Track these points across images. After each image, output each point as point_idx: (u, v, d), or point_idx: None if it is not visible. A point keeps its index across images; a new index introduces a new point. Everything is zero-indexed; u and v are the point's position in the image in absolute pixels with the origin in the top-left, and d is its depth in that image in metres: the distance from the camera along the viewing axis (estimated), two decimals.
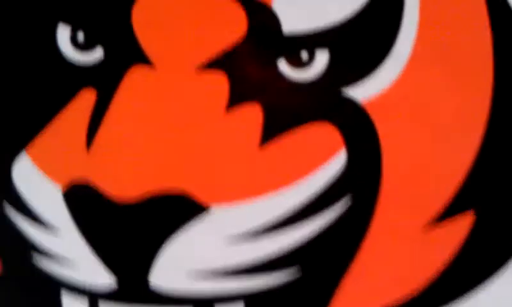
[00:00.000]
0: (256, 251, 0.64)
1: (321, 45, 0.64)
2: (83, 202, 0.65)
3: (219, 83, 0.64)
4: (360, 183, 0.64)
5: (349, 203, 0.64)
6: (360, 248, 0.64)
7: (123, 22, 0.66)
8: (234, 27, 0.65)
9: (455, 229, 0.64)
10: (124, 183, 0.64)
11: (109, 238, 0.65)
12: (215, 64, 0.64)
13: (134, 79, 0.65)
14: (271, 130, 0.64)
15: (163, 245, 0.63)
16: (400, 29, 0.65)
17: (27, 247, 0.67)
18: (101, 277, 0.65)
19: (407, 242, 0.64)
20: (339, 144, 0.64)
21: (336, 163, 0.64)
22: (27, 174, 0.67)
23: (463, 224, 0.65)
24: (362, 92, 0.64)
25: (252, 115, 0.64)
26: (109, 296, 0.65)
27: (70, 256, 0.66)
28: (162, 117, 0.65)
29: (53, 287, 0.67)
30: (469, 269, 0.66)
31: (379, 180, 0.63)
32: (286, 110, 0.64)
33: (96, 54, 0.66)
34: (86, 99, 0.66)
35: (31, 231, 0.67)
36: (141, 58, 0.65)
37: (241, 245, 0.63)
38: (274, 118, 0.64)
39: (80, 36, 0.67)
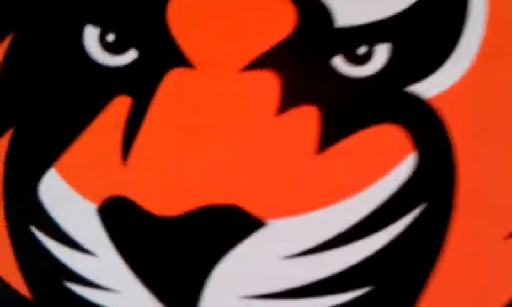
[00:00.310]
0: (319, 269, 0.58)
1: (380, 39, 0.58)
2: (121, 219, 0.59)
3: (269, 84, 0.59)
4: (433, 189, 0.58)
5: (422, 212, 0.58)
6: (436, 262, 0.58)
7: (158, 20, 0.60)
8: (283, 21, 0.59)
9: None
10: (166, 199, 0.58)
11: (152, 260, 0.59)
12: (263, 63, 0.59)
13: (173, 83, 0.59)
14: (329, 134, 0.58)
15: (214, 266, 0.57)
16: (467, 20, 0.59)
17: (59, 273, 0.61)
18: (146, 306, 0.59)
19: (488, 253, 0.58)
20: (407, 147, 0.58)
21: (405, 168, 0.58)
22: (56, 191, 0.61)
23: None
24: (428, 89, 0.58)
25: (307, 118, 0.58)
26: None
27: (109, 282, 0.60)
28: (207, 123, 0.59)
29: None
30: None
31: (453, 185, 0.58)
32: (344, 112, 0.59)
33: (129, 57, 0.60)
34: (119, 106, 0.60)
35: (63, 255, 0.61)
36: (179, 60, 0.59)
37: (302, 263, 0.58)
38: (332, 120, 0.58)
39: (111, 38, 0.60)
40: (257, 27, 0.59)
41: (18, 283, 0.62)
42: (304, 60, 0.59)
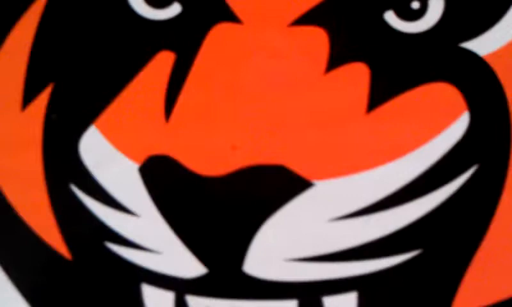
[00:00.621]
0: (367, 232, 0.56)
1: None
2: (163, 179, 0.58)
3: (318, 40, 0.57)
4: (487, 151, 0.56)
5: (474, 174, 0.56)
6: (488, 228, 0.56)
7: None
8: None
9: None
10: (209, 158, 0.57)
11: (195, 220, 0.57)
12: (312, 18, 0.57)
13: (219, 38, 0.58)
14: (380, 93, 0.57)
15: (259, 227, 0.56)
16: None
17: (99, 233, 0.59)
18: (188, 268, 0.57)
19: None
20: (461, 106, 0.56)
21: (458, 128, 0.56)
22: (97, 149, 0.59)
23: None
24: (483, 46, 0.57)
25: (357, 76, 0.57)
26: (198, 288, 0.58)
27: (150, 243, 0.58)
28: (254, 81, 0.57)
29: (132, 277, 0.59)
30: None
31: (509, 146, 0.56)
32: (396, 70, 0.57)
33: (173, 11, 0.59)
34: (162, 62, 0.58)
35: (104, 215, 0.59)
36: (225, 14, 0.58)
37: (349, 226, 0.56)
38: (383, 78, 0.57)
39: None
40: None
41: (57, 242, 0.60)
42: (355, 15, 0.57)
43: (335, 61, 0.57)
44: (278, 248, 0.56)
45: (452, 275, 0.57)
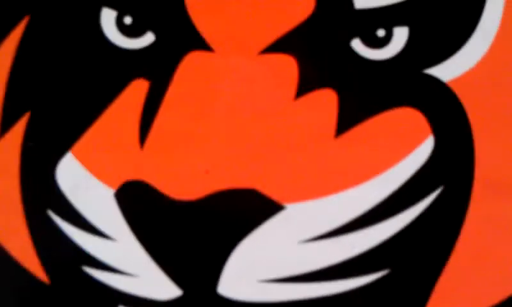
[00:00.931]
0: (337, 253, 0.58)
1: (399, 21, 0.58)
2: (139, 203, 0.59)
3: (287, 67, 0.59)
4: (452, 173, 0.58)
5: (440, 195, 0.58)
6: (456, 243, 0.58)
7: (175, 3, 0.60)
8: (301, 5, 0.59)
9: None
10: (183, 182, 0.58)
11: (170, 244, 0.59)
12: (281, 47, 0.59)
13: (192, 66, 0.59)
14: (348, 118, 0.58)
15: (233, 249, 0.57)
16: (486, 3, 0.59)
17: (76, 257, 0.60)
18: (164, 290, 0.59)
19: (507, 235, 0.58)
20: (426, 130, 0.58)
21: (423, 151, 0.58)
22: (73, 176, 0.61)
23: None
24: (447, 72, 0.58)
25: (325, 102, 0.58)
26: None
27: (126, 266, 0.60)
28: (225, 107, 0.59)
29: (109, 300, 0.60)
30: None
31: (472, 167, 0.58)
32: (363, 95, 0.59)
33: (147, 40, 0.60)
34: (137, 90, 0.60)
35: (80, 239, 0.60)
36: (197, 43, 0.59)
37: (319, 247, 0.58)
38: (350, 103, 0.58)
39: (128, 20, 0.60)
40: (276, 10, 0.59)
41: (35, 267, 0.62)
42: (323, 43, 0.59)
43: (304, 87, 0.58)
44: (251, 270, 0.58)
45: (419, 294, 0.58)
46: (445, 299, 0.58)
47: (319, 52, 0.59)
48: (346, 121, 0.58)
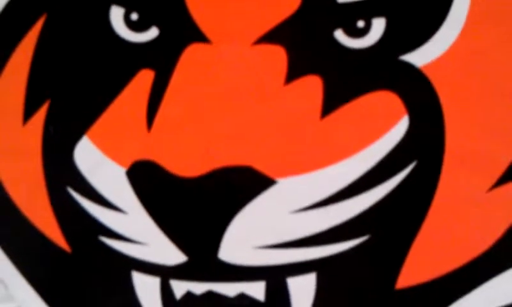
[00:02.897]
0: (324, 221, 0.64)
1: (377, 13, 0.64)
2: (147, 180, 0.66)
3: (277, 56, 0.64)
4: (424, 148, 0.64)
5: (414, 169, 0.64)
6: (427, 212, 0.64)
7: (176, 0, 0.66)
8: None
9: None
10: (187, 161, 0.65)
11: (176, 216, 0.65)
12: (272, 37, 0.64)
13: (192, 57, 0.65)
14: (332, 101, 0.64)
15: (231, 219, 0.64)
16: None
17: (94, 228, 0.67)
18: (171, 256, 0.65)
19: (473, 204, 0.64)
20: (401, 111, 0.64)
21: (399, 130, 0.64)
22: (89, 156, 0.67)
23: None
24: (420, 58, 0.64)
25: (312, 86, 0.64)
26: (180, 273, 0.66)
27: (138, 236, 0.66)
28: (223, 93, 0.65)
29: (123, 265, 0.67)
30: None
31: (443, 144, 0.64)
32: (345, 80, 0.65)
33: (151, 34, 0.66)
34: (144, 79, 0.66)
35: (97, 213, 0.67)
36: (197, 36, 0.65)
37: (309, 216, 0.64)
38: (334, 88, 0.64)
39: (135, 16, 0.66)
40: (266, 5, 0.65)
41: (58, 237, 0.68)
42: (309, 34, 0.65)
43: (293, 74, 0.64)
44: (248, 237, 0.64)
45: (396, 257, 0.65)
46: (417, 262, 0.64)
47: (305, 42, 0.65)
48: (331, 103, 0.64)
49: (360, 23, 0.64)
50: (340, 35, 0.64)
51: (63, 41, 0.68)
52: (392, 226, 0.64)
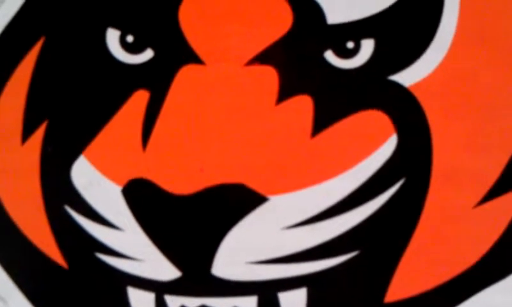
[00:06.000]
0: (314, 238, 0.65)
1: (366, 34, 0.66)
2: (142, 197, 0.67)
3: (269, 77, 0.66)
4: (412, 166, 0.65)
5: (402, 186, 0.65)
6: (416, 228, 0.65)
7: (171, 23, 0.67)
8: (280, 21, 0.66)
9: (506, 205, 0.66)
10: (181, 179, 0.66)
11: (170, 232, 0.66)
12: (263, 58, 0.66)
13: (186, 78, 0.67)
14: (322, 120, 0.66)
15: (224, 236, 0.65)
16: (443, 14, 0.66)
17: (90, 245, 0.68)
18: (166, 272, 0.67)
19: (460, 220, 0.65)
20: (390, 129, 0.65)
21: (388, 148, 0.65)
22: (86, 175, 0.68)
23: None
24: (408, 77, 0.66)
25: (302, 106, 0.66)
26: (175, 289, 0.67)
27: (133, 253, 0.67)
28: (216, 113, 0.66)
29: (118, 281, 0.68)
30: None
31: (430, 161, 0.65)
32: (335, 100, 0.66)
33: (146, 56, 0.68)
34: (139, 99, 0.68)
35: (93, 230, 0.68)
36: (190, 57, 0.67)
37: (299, 233, 0.65)
38: (324, 107, 0.66)
39: (130, 39, 0.68)
40: (258, 26, 0.67)
41: (55, 254, 0.70)
42: (300, 55, 0.66)
43: (284, 94, 0.66)
44: (240, 253, 0.65)
45: (385, 272, 0.66)
46: (406, 276, 0.66)
47: (296, 63, 0.66)
48: (321, 122, 0.65)
49: (350, 44, 0.66)
50: (330, 56, 0.66)
51: (61, 63, 0.70)
52: (381, 241, 0.66)
